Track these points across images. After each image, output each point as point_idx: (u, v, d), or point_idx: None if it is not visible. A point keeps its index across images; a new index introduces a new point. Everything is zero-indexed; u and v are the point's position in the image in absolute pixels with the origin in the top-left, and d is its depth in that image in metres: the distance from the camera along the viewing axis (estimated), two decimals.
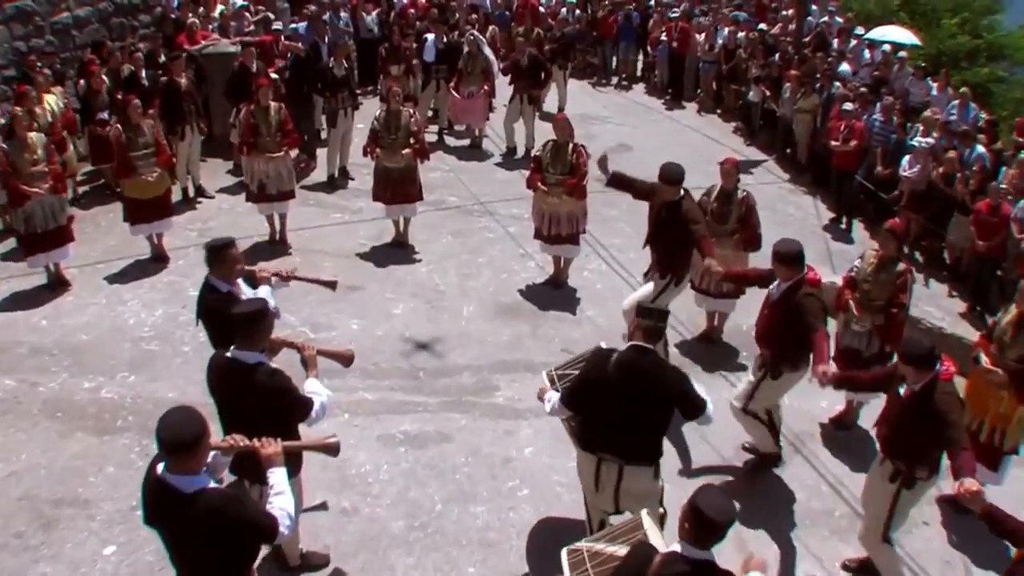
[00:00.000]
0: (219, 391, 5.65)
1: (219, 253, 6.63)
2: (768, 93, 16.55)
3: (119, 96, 12.28)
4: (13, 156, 9.83)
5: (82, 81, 12.72)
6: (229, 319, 5.58)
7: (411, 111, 11.45)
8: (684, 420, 6.02)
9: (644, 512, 5.16)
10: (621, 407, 5.63)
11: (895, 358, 7.98)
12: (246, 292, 6.77)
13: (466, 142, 15.75)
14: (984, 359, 7.39)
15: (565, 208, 10.32)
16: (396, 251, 11.50)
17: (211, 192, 12.98)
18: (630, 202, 13.60)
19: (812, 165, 15.20)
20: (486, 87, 15.01)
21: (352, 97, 13.50)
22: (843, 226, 13.81)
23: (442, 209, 12.90)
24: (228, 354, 5.55)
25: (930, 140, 13.32)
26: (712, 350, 9.74)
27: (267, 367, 5.52)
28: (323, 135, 14.19)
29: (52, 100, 11.89)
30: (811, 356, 6.78)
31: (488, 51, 15.17)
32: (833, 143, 13.69)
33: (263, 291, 6.82)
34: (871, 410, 8.14)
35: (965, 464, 5.36)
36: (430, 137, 15.62)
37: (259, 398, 5.33)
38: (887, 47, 17.51)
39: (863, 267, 8.15)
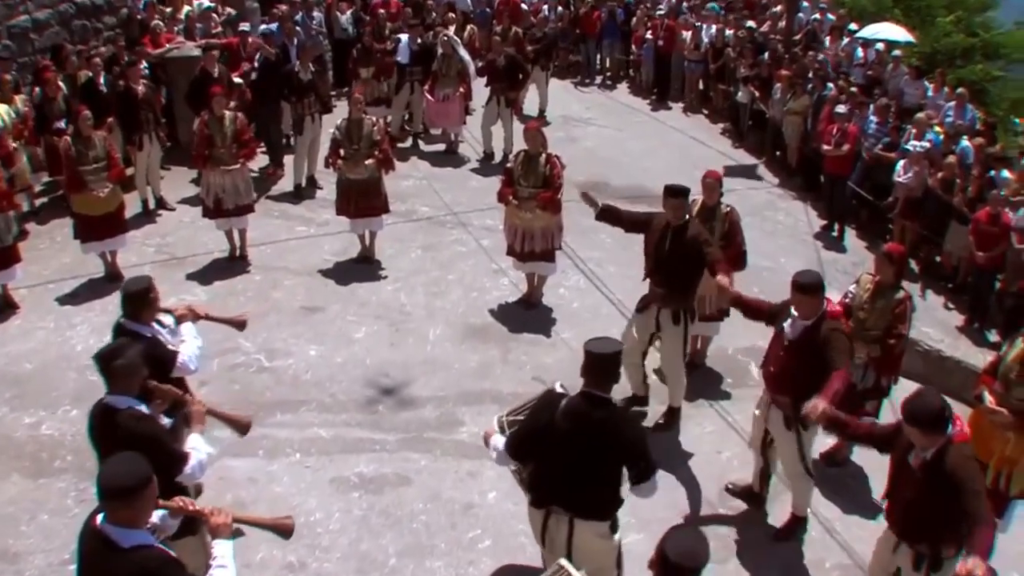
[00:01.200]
0: (94, 438, 5.20)
1: (142, 298, 6.13)
2: (757, 94, 16.00)
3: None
4: None
5: (37, 88, 12.10)
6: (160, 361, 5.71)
7: (374, 119, 10.88)
8: (630, 480, 5.28)
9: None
10: (569, 458, 5.14)
11: (892, 393, 7.56)
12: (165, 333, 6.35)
13: (441, 147, 15.17)
14: (988, 398, 6.73)
15: (539, 223, 9.71)
16: (361, 268, 10.92)
17: (172, 204, 12.41)
18: None
19: (803, 169, 14.66)
20: (462, 89, 14.41)
21: (320, 102, 12.88)
22: (835, 234, 13.28)
23: (413, 220, 12.32)
24: (103, 399, 5.11)
25: (925, 144, 12.74)
26: (695, 376, 9.08)
27: (135, 411, 5.02)
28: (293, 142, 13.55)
29: (4, 110, 11.26)
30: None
31: (463, 52, 14.59)
32: (825, 147, 13.14)
33: (187, 329, 6.42)
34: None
35: (980, 542, 4.65)
36: (405, 144, 15.14)
37: (124, 445, 4.70)
38: (880, 46, 16.92)
39: (859, 293, 7.52)
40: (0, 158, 10.25)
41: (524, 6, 19.93)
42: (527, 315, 10.01)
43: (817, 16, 19.57)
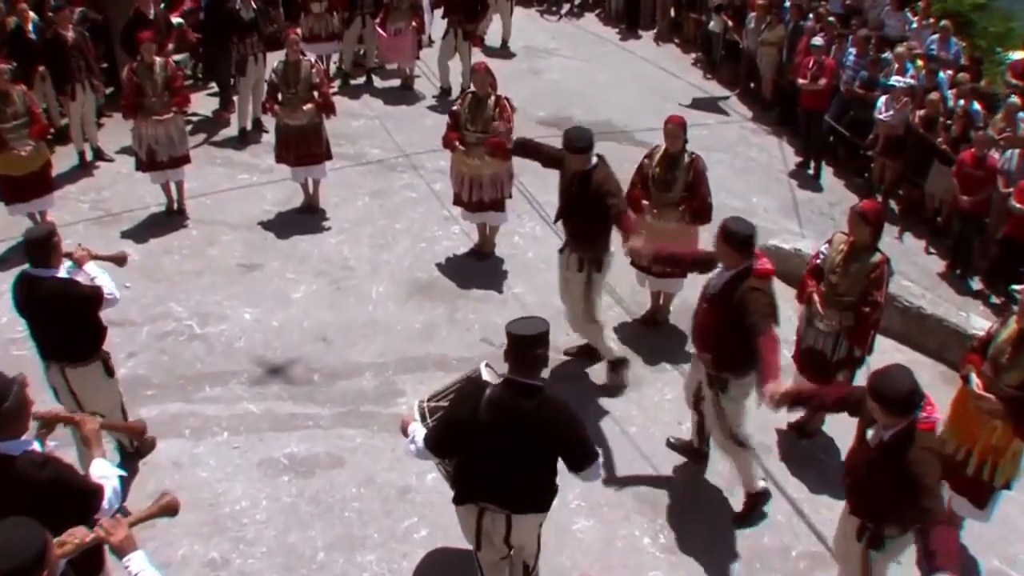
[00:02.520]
0: None
1: (47, 243, 5.97)
2: (730, 23, 15.26)
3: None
4: None
5: None
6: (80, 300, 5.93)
7: (312, 60, 10.22)
8: (570, 470, 4.86)
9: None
10: (498, 453, 4.68)
11: (867, 362, 6.96)
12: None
13: (397, 83, 14.43)
14: (975, 381, 5.98)
15: (488, 171, 9.12)
16: (304, 219, 10.35)
17: (111, 155, 11.74)
18: None
19: (778, 102, 14.01)
20: (414, 23, 13.61)
21: (263, 41, 12.15)
22: (811, 172, 12.70)
23: (362, 164, 11.70)
24: None
25: (908, 80, 12.07)
26: (656, 335, 8.65)
27: (34, 456, 4.33)
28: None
29: None
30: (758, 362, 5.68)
31: None
32: (801, 81, 12.48)
33: (91, 268, 6.28)
34: None
35: (941, 546, 4.27)
36: (358, 80, 14.44)
37: (30, 497, 4.16)
38: None
39: (831, 254, 6.82)
40: None
41: None
42: (478, 267, 9.50)
43: None
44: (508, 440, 4.61)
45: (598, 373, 7.95)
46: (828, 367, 6.89)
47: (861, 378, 7.05)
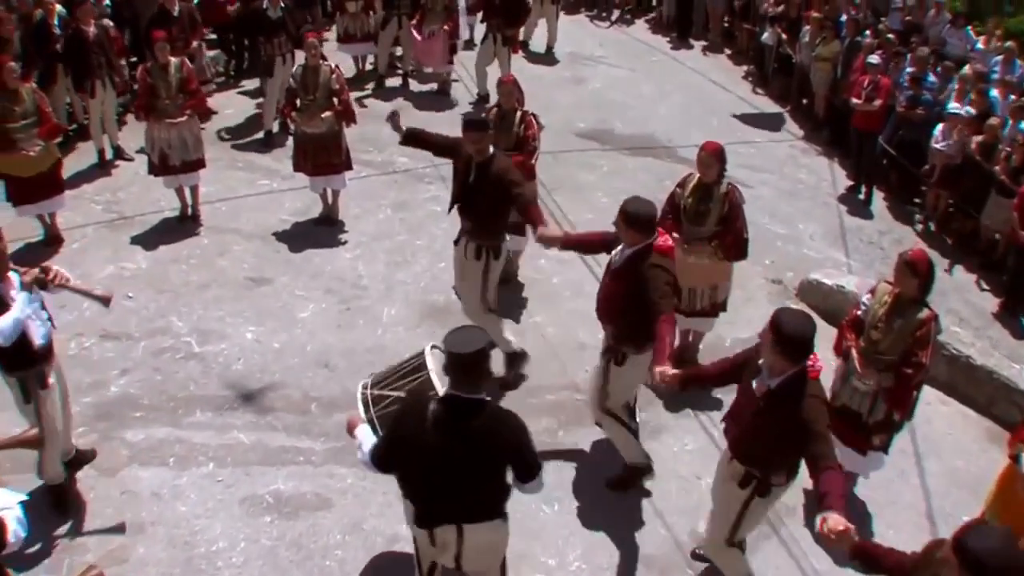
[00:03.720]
0: None
1: None
2: (784, 35, 14.53)
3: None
4: None
5: None
6: None
7: (332, 66, 9.75)
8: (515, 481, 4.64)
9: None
10: (446, 471, 4.48)
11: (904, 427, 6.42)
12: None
13: (434, 87, 13.95)
14: None
15: None
16: (321, 231, 9.90)
17: (131, 153, 11.39)
18: (613, 163, 12.00)
19: (830, 121, 13.27)
20: (447, 27, 13.11)
21: (292, 41, 11.72)
22: (861, 197, 11.93)
23: (387, 173, 11.25)
24: None
25: (969, 109, 11.32)
26: (501, 289, 8.06)
27: None
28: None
29: None
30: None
31: None
32: (855, 101, 11.74)
33: (20, 300, 5.62)
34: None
35: (832, 488, 4.35)
36: (393, 81, 13.98)
37: None
38: None
39: (873, 306, 6.20)
40: None
41: None
42: (500, 290, 8.91)
43: None
44: (456, 458, 4.42)
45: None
46: (862, 429, 6.28)
47: (899, 445, 6.48)
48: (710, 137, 8.19)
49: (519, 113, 8.62)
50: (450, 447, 4.39)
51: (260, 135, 12.08)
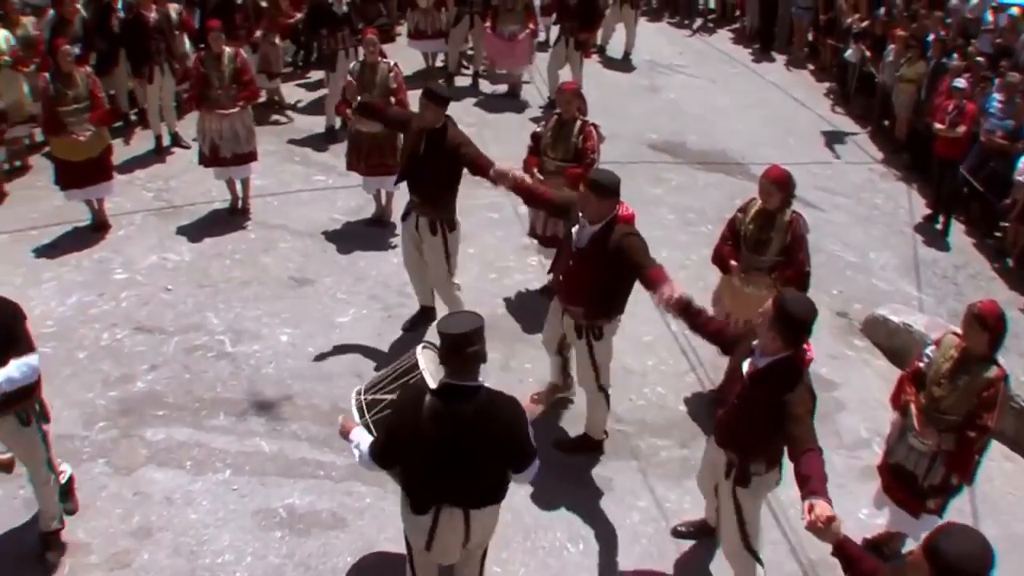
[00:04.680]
0: None
1: None
2: (868, 53, 13.88)
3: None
4: None
5: (51, 10, 11.02)
6: None
7: (391, 64, 9.44)
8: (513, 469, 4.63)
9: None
10: (447, 459, 4.45)
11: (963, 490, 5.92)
12: None
13: (504, 88, 13.63)
14: None
15: None
16: (372, 232, 9.64)
17: (188, 141, 11.25)
18: (683, 177, 11.55)
19: (912, 145, 12.62)
20: (531, 26, 12.74)
21: (355, 35, 11.48)
22: (939, 227, 11.26)
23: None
24: None
25: None
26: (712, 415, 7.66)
27: None
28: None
29: (3, 35, 10.22)
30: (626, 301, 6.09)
31: None
32: (938, 126, 11.09)
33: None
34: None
35: (813, 471, 4.20)
36: (463, 80, 13.69)
37: None
38: (1015, 10, 14.28)
39: (937, 359, 5.64)
40: None
41: None
42: (547, 308, 8.52)
43: None
44: (455, 447, 4.40)
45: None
46: (917, 491, 5.74)
47: (954, 503, 5.95)
48: (785, 156, 7.83)
49: (579, 123, 8.22)
50: (447, 435, 4.36)
51: (322, 130, 11.85)
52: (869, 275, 9.85)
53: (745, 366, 4.85)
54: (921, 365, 5.74)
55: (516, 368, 7.74)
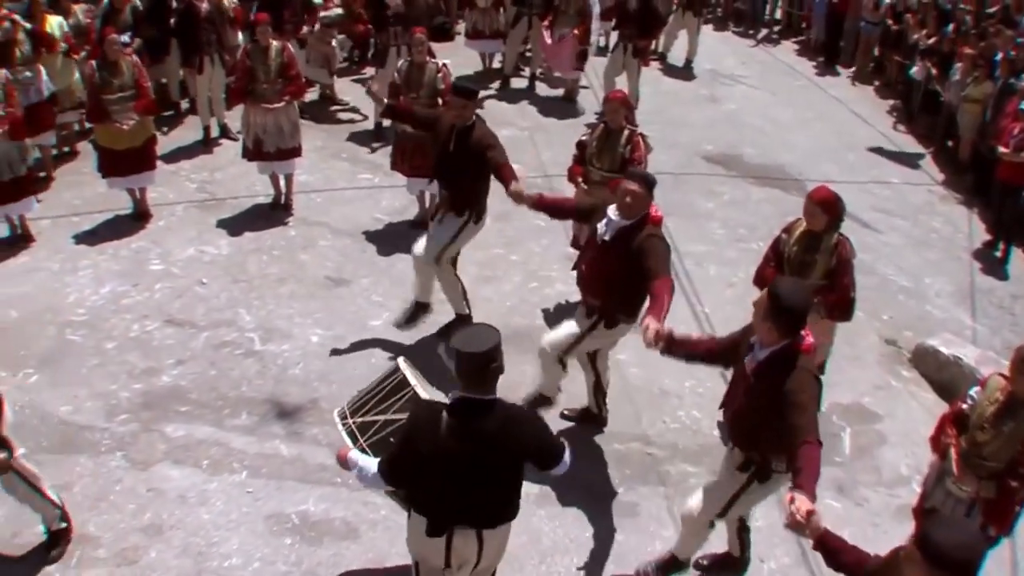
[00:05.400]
0: None
1: None
2: (934, 71, 13.38)
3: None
4: None
5: None
6: None
7: (439, 64, 9.27)
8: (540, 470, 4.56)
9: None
10: (467, 476, 4.31)
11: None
12: None
13: (560, 92, 13.42)
14: None
15: None
16: (413, 234, 9.23)
17: (236, 133, 11.15)
18: (737, 191, 11.25)
19: (975, 168, 12.15)
20: (577, 30, 12.50)
21: (408, 33, 11.33)
22: (998, 254, 10.79)
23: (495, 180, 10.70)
24: None
25: None
26: None
27: None
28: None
29: (57, 22, 10.27)
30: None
31: None
32: (1001, 149, 10.62)
33: None
34: None
35: (806, 464, 4.10)
36: (520, 83, 13.51)
37: None
38: None
39: (981, 402, 5.32)
40: None
41: None
42: None
43: None
44: (477, 463, 4.27)
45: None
46: None
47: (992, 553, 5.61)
48: (844, 173, 7.53)
49: (626, 132, 7.97)
50: (467, 451, 4.23)
51: (370, 127, 11.73)
52: (922, 301, 9.48)
53: (747, 361, 4.77)
54: (964, 406, 5.41)
55: None
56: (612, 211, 5.88)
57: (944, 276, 10.09)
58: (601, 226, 5.92)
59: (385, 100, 7.70)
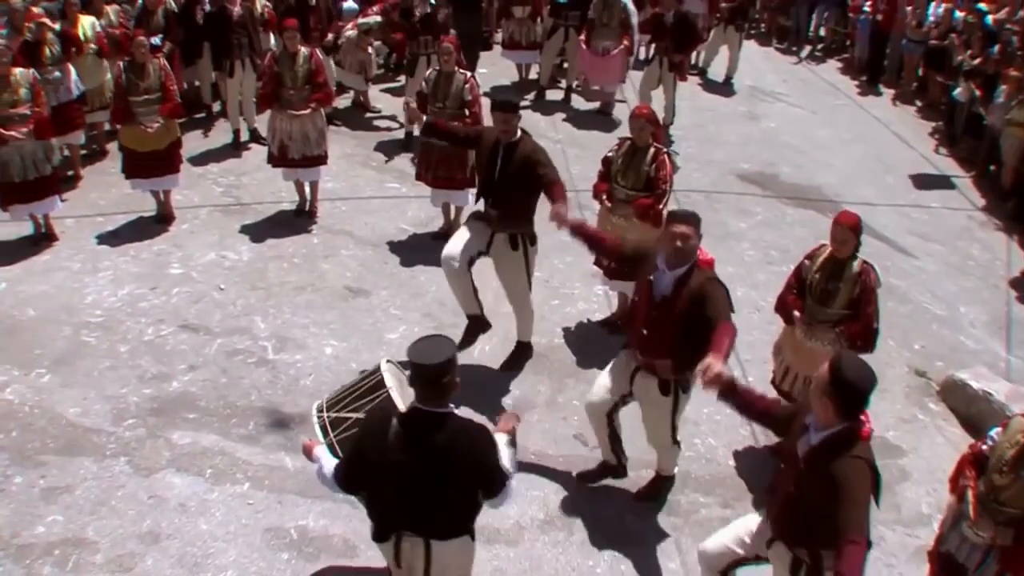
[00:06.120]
0: None
1: None
2: (979, 93, 13.03)
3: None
4: None
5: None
6: None
7: (467, 75, 9.14)
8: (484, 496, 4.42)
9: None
10: (413, 487, 4.29)
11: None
12: None
13: (595, 106, 13.27)
14: None
15: (633, 234, 7.67)
16: (437, 246, 9.15)
17: (265, 138, 11.13)
18: (770, 212, 11.01)
19: (1017, 193, 11.81)
20: (625, 43, 12.30)
21: (436, 42, 11.25)
22: None
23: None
24: None
25: None
26: (608, 340, 7.82)
27: None
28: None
29: (89, 22, 10.31)
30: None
31: None
32: None
33: None
34: None
35: (848, 566, 3.75)
36: (555, 95, 13.38)
37: None
38: None
39: (1001, 444, 5.09)
40: None
41: None
42: (607, 342, 8.04)
43: None
44: (422, 475, 4.25)
45: None
46: None
47: None
48: (882, 196, 7.29)
49: (652, 150, 7.78)
50: (413, 462, 4.22)
51: (401, 135, 11.66)
52: (956, 331, 9.20)
53: (799, 446, 4.34)
54: (984, 448, 5.18)
55: (563, 404, 7.34)
56: (660, 261, 5.50)
57: (980, 305, 9.81)
58: (653, 281, 5.56)
59: (424, 117, 7.54)
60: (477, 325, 7.45)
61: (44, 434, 6.65)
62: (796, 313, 6.54)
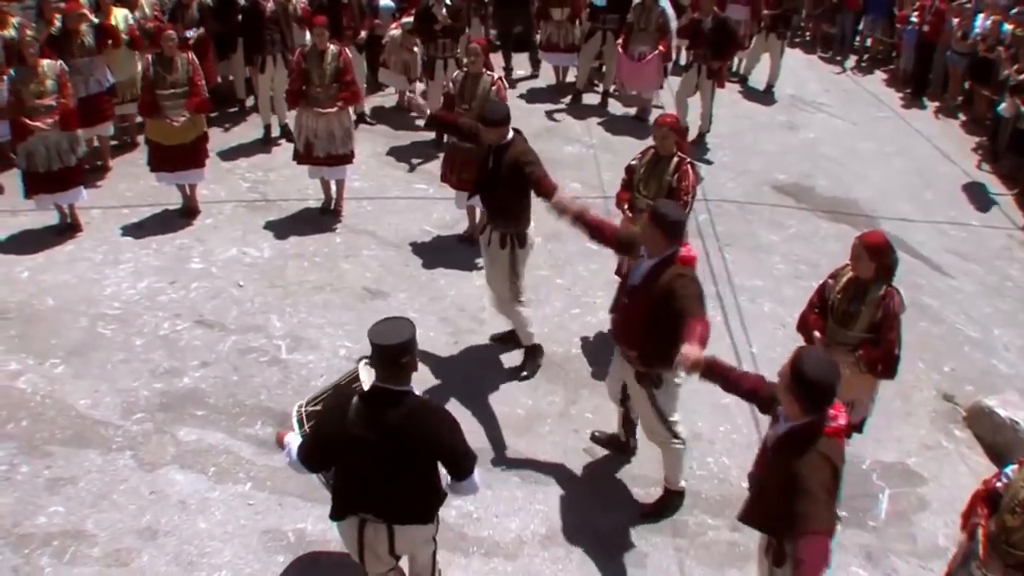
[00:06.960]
0: None
1: None
2: None
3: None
4: (19, 85, 8.50)
5: None
6: None
7: (495, 76, 9.05)
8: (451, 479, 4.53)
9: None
10: (372, 465, 4.38)
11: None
12: None
13: (632, 111, 13.11)
14: None
15: None
16: (460, 249, 9.27)
17: None
18: (804, 225, 10.80)
19: None
20: (661, 47, 12.12)
21: (457, 45, 11.20)
22: None
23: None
24: None
25: None
26: None
27: None
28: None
29: (123, 14, 10.35)
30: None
31: (666, 3, 12.28)
32: None
33: None
34: None
35: (808, 556, 3.83)
36: (592, 99, 13.24)
37: None
38: None
39: (1016, 482, 4.78)
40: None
41: None
42: None
43: None
44: (379, 451, 4.33)
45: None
46: None
47: None
48: (920, 212, 7.10)
49: (676, 159, 7.57)
50: (373, 441, 4.30)
51: (431, 136, 11.59)
52: (989, 354, 8.93)
53: (769, 433, 4.51)
54: (999, 485, 4.92)
55: (575, 416, 7.20)
56: (643, 249, 5.60)
57: (1015, 328, 9.53)
58: (632, 270, 5.73)
59: (428, 111, 7.57)
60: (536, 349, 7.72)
61: (53, 424, 6.68)
62: (816, 334, 6.32)
